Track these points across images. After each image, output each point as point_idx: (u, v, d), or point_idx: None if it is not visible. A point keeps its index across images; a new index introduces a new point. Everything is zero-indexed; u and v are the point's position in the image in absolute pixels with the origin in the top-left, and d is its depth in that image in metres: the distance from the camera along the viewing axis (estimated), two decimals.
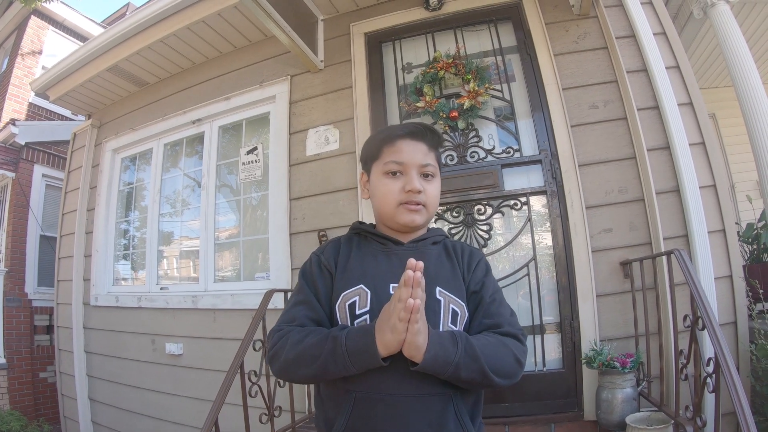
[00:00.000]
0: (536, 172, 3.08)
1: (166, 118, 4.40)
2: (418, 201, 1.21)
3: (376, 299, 1.14)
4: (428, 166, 1.23)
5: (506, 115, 3.24)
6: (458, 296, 1.18)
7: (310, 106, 3.59)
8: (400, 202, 1.21)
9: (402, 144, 1.23)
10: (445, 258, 1.26)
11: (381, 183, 1.24)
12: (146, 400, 4.09)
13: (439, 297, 1.15)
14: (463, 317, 1.17)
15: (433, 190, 1.25)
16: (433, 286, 1.15)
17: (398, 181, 1.22)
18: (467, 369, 1.03)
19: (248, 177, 3.74)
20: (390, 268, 1.20)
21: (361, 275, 1.19)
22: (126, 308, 4.34)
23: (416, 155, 1.23)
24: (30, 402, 6.23)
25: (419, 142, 1.24)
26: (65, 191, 5.28)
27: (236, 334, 3.34)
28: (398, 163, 1.22)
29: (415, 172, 1.22)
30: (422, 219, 1.23)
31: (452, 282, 1.20)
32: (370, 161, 1.30)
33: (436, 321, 1.12)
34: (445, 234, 1.35)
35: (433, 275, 1.17)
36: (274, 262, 3.42)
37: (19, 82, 7.74)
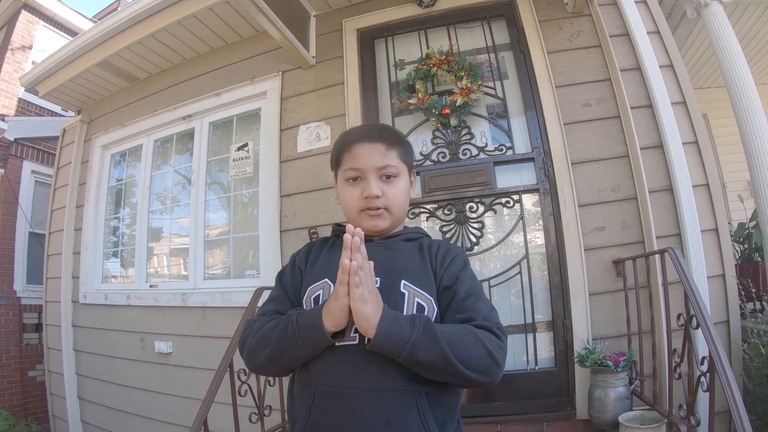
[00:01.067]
0: (529, 170, 3.06)
1: (156, 114, 4.35)
2: (377, 206, 1.20)
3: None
4: (387, 167, 1.21)
5: (499, 112, 3.22)
6: (426, 290, 1.14)
7: (301, 103, 3.55)
8: (361, 208, 1.21)
9: (358, 149, 1.22)
10: (416, 253, 1.23)
11: (343, 190, 1.25)
12: (135, 399, 4.05)
13: (403, 290, 1.12)
14: (431, 312, 1.12)
15: (395, 190, 1.23)
16: (397, 279, 1.14)
17: (357, 188, 1.21)
18: (425, 351, 0.98)
19: (239, 174, 3.71)
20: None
21: (327, 270, 1.20)
22: (115, 306, 4.30)
23: (372, 158, 1.21)
24: (19, 401, 6.17)
25: (376, 144, 1.22)
26: (54, 188, 5.22)
27: (226, 333, 3.31)
28: (355, 169, 1.21)
29: (373, 176, 1.20)
30: (385, 223, 1.23)
31: (420, 276, 1.16)
32: (334, 168, 1.31)
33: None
34: (423, 233, 1.32)
35: (399, 269, 1.16)
36: (265, 260, 3.38)
37: (8, 78, 7.65)
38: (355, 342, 1.06)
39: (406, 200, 1.27)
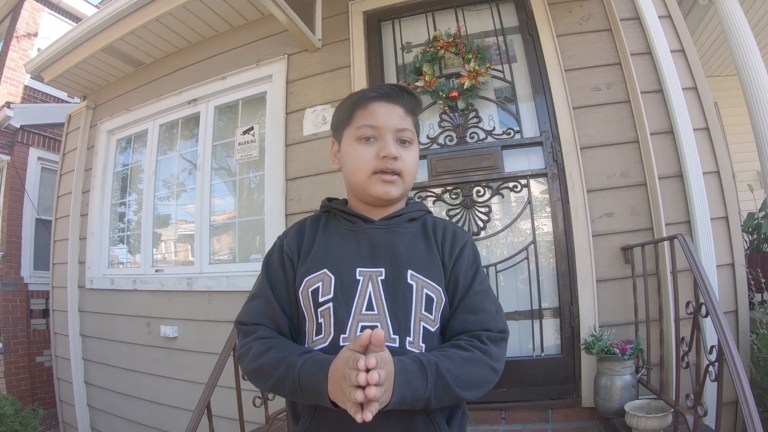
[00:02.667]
0: (537, 154, 3.02)
1: (161, 99, 4.34)
2: (394, 169, 1.08)
3: (340, 285, 1.05)
4: (405, 130, 1.11)
5: (507, 96, 3.18)
6: (434, 280, 1.06)
7: (307, 86, 3.53)
8: (374, 170, 1.08)
9: (376, 107, 1.11)
10: (421, 237, 1.13)
11: (353, 149, 1.11)
12: (141, 383, 4.08)
13: (411, 281, 1.05)
14: (440, 303, 1.06)
15: (411, 157, 1.12)
16: (404, 269, 1.06)
17: (372, 147, 1.09)
18: (438, 400, 0.93)
19: (244, 157, 3.69)
20: (357, 250, 1.10)
21: (325, 259, 1.09)
22: (121, 291, 4.32)
23: (392, 118, 1.10)
24: (26, 386, 6.25)
25: (395, 105, 1.12)
26: (60, 174, 5.24)
27: (231, 316, 3.26)
28: (372, 127, 1.09)
29: (390, 136, 1.09)
30: (398, 191, 1.11)
31: (428, 264, 1.08)
32: (341, 127, 1.17)
33: (407, 309, 1.03)
34: (425, 209, 1.21)
35: (406, 257, 1.08)
36: (270, 244, 3.33)
37: (14, 65, 7.69)
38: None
39: (416, 171, 1.16)
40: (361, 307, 1.03)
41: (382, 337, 0.83)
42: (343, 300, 1.04)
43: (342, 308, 1.03)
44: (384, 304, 1.03)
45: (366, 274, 1.06)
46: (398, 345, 1.01)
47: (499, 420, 2.70)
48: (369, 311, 1.03)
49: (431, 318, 1.04)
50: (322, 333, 1.04)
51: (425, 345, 1.03)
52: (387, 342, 0.98)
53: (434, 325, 1.05)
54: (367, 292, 1.04)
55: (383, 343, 0.85)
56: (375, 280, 1.05)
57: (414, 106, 1.16)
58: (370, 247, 1.10)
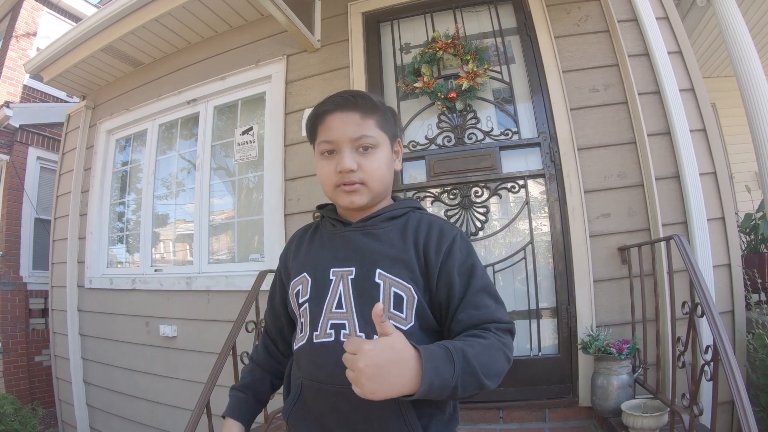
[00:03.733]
0: (535, 155, 3.04)
1: (161, 99, 4.35)
2: (353, 180, 1.09)
3: (315, 286, 1.10)
4: (363, 138, 1.09)
5: (505, 97, 3.19)
6: (404, 278, 1.05)
7: (306, 86, 3.53)
8: (336, 184, 1.10)
9: (331, 120, 1.11)
10: (398, 235, 1.12)
11: (319, 166, 1.14)
12: (140, 382, 4.08)
13: (378, 280, 1.05)
14: (411, 301, 1.04)
15: (373, 163, 1.10)
16: (373, 268, 1.06)
17: (332, 162, 1.10)
18: (464, 388, 0.89)
19: (243, 158, 3.70)
20: (332, 252, 1.14)
21: (306, 263, 1.16)
22: (120, 290, 4.33)
23: (347, 129, 1.09)
24: (25, 386, 6.24)
25: (350, 112, 1.11)
26: (59, 173, 5.24)
27: (230, 316, 3.28)
28: (329, 142, 1.10)
29: (347, 148, 1.09)
30: (363, 198, 1.11)
31: (399, 262, 1.07)
32: (311, 143, 1.20)
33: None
34: (413, 206, 1.20)
35: (376, 256, 1.08)
36: (269, 244, 3.39)
37: (13, 65, 7.69)
38: (330, 339, 1.04)
39: (387, 172, 1.15)
40: (331, 306, 1.06)
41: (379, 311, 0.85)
42: (317, 300, 1.08)
43: (315, 307, 1.08)
44: (352, 303, 1.05)
45: (338, 273, 1.08)
46: None
47: (497, 419, 2.71)
48: (338, 309, 1.05)
49: (402, 317, 1.04)
50: (302, 331, 1.11)
51: None
52: None
53: (406, 323, 1.04)
54: (337, 292, 1.07)
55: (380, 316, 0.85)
56: (345, 280, 1.07)
57: (370, 107, 1.13)
58: (345, 248, 1.12)
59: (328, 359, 1.02)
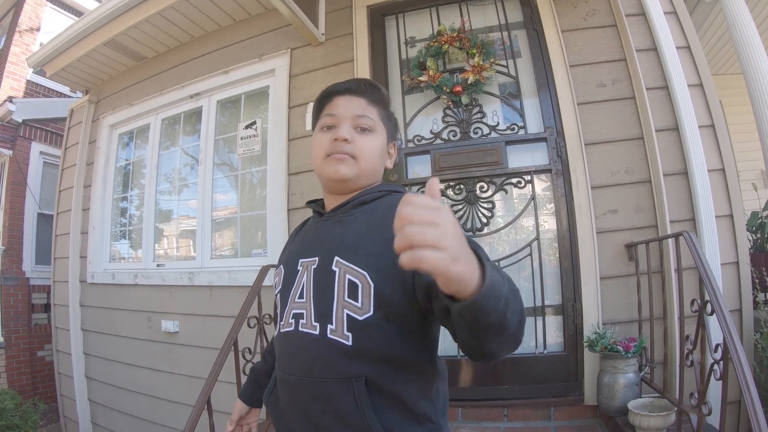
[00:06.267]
0: (541, 150, 3.01)
1: (164, 93, 4.33)
2: (344, 150, 1.09)
3: (285, 277, 1.14)
4: (363, 117, 1.13)
5: (511, 91, 3.16)
6: (360, 264, 1.00)
7: (310, 80, 3.50)
8: (328, 153, 1.11)
9: (338, 99, 1.15)
10: (363, 219, 1.08)
11: (315, 138, 1.17)
12: (142, 378, 4.08)
13: (334, 268, 1.02)
14: (368, 289, 0.98)
15: (367, 143, 1.12)
16: (332, 256, 1.04)
17: (329, 134, 1.12)
18: (514, 303, 0.74)
19: (246, 152, 3.67)
20: (303, 243, 1.17)
21: (284, 256, 1.23)
22: (122, 285, 4.32)
23: (350, 107, 1.13)
24: (28, 381, 6.25)
25: (358, 98, 1.15)
26: (62, 168, 5.23)
27: (232, 311, 3.27)
28: (331, 116, 1.13)
29: (347, 123, 1.12)
30: (348, 170, 1.09)
31: (358, 248, 1.03)
32: (314, 122, 1.22)
33: (329, 297, 1.01)
34: (391, 189, 1.16)
35: (335, 245, 1.06)
36: (272, 238, 3.37)
37: (16, 60, 7.68)
38: (291, 329, 1.05)
39: (378, 158, 1.15)
40: (295, 296, 1.09)
41: (435, 186, 0.70)
42: (285, 290, 1.12)
43: (283, 298, 1.12)
44: (311, 292, 1.05)
45: (304, 264, 1.10)
46: (318, 332, 1.00)
47: (501, 417, 2.69)
48: (300, 299, 1.07)
49: (357, 305, 0.98)
50: (277, 321, 1.17)
51: (352, 334, 0.97)
52: (308, 329, 1.02)
53: (362, 313, 0.97)
54: (301, 282, 1.09)
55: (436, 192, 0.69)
56: (309, 270, 1.08)
57: (378, 97, 1.18)
58: (313, 238, 1.15)
59: (289, 347, 1.06)
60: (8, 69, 7.63)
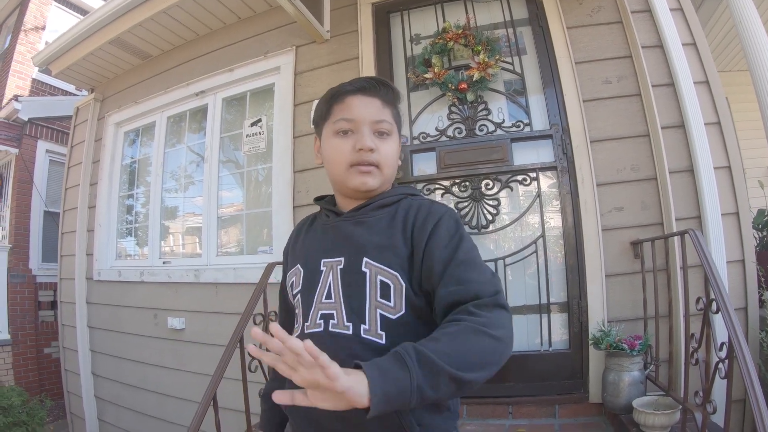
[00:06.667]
0: (546, 147, 3.00)
1: (169, 91, 4.34)
2: (370, 161, 1.09)
3: (306, 277, 1.11)
4: (382, 122, 1.11)
5: (517, 88, 3.15)
6: (391, 266, 1.02)
7: (315, 77, 3.51)
8: (351, 163, 1.09)
9: (352, 100, 1.11)
10: (386, 222, 1.09)
11: (331, 144, 1.12)
12: (148, 374, 4.11)
13: (365, 269, 1.03)
14: (399, 290, 1.01)
15: (388, 149, 1.12)
16: (360, 257, 1.04)
17: (349, 140, 1.09)
18: (436, 389, 0.79)
19: (252, 149, 3.69)
20: (323, 243, 1.13)
21: (300, 255, 1.17)
22: (128, 282, 4.34)
23: (368, 111, 1.10)
24: (35, 377, 6.30)
25: (372, 98, 1.12)
26: (68, 166, 5.27)
27: (238, 308, 3.26)
28: (348, 120, 1.09)
29: (367, 129, 1.09)
30: (375, 181, 1.10)
31: (386, 250, 1.04)
32: (320, 122, 1.18)
33: (361, 298, 1.01)
34: (407, 192, 1.17)
35: (363, 245, 1.06)
36: (278, 236, 3.38)
37: (22, 59, 7.73)
38: (319, 329, 1.03)
39: (396, 162, 1.16)
40: (321, 296, 1.06)
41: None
42: (308, 290, 1.09)
43: (307, 298, 1.08)
44: (340, 293, 1.04)
45: (328, 264, 1.08)
46: (352, 332, 1.00)
47: (506, 414, 2.69)
48: (327, 300, 1.04)
49: (390, 305, 1.01)
50: (298, 322, 1.11)
51: (385, 333, 0.99)
52: (340, 329, 1.01)
53: (395, 312, 1.01)
54: (327, 282, 1.06)
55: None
56: (335, 270, 1.06)
57: (392, 97, 1.16)
58: (334, 239, 1.12)
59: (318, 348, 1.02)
60: (14, 68, 7.67)
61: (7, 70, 7.75)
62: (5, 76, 7.74)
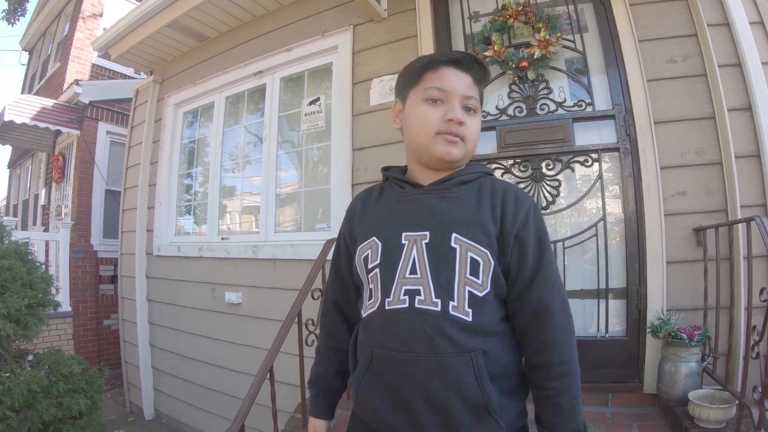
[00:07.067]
0: (609, 127, 2.91)
1: (227, 71, 4.41)
2: (458, 133, 1.10)
3: (386, 250, 1.09)
4: (471, 99, 1.12)
5: (578, 66, 3.06)
6: (481, 244, 1.04)
7: (373, 56, 3.49)
8: (439, 131, 1.10)
9: (446, 71, 1.12)
10: (472, 200, 1.11)
11: (419, 110, 1.13)
12: (205, 347, 4.24)
13: (454, 245, 1.04)
14: (488, 267, 1.03)
15: (474, 125, 1.14)
16: (448, 232, 1.05)
17: (439, 109, 1.10)
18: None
19: (310, 128, 3.73)
20: (402, 215, 1.12)
21: (374, 227, 1.14)
22: (187, 258, 4.48)
23: (460, 85, 1.11)
24: (94, 348, 6.57)
25: (465, 73, 1.13)
26: (129, 146, 5.45)
27: (295, 284, 3.33)
28: (441, 90, 1.11)
29: (457, 101, 1.10)
30: (459, 153, 1.11)
31: (475, 227, 1.06)
32: (407, 87, 1.18)
33: (450, 272, 1.03)
34: (484, 171, 1.18)
35: (450, 220, 1.07)
36: (336, 213, 3.41)
37: (81, 45, 8.02)
38: (404, 305, 1.03)
39: (478, 138, 1.18)
40: (405, 271, 1.05)
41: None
42: (389, 265, 1.07)
43: (387, 273, 1.07)
44: (427, 268, 1.04)
45: (411, 238, 1.07)
46: (440, 308, 1.01)
47: None
48: (412, 275, 1.04)
49: (478, 282, 1.03)
50: (372, 298, 1.10)
51: (472, 310, 1.02)
52: (428, 306, 1.01)
53: (482, 289, 1.03)
54: (411, 256, 1.06)
55: None
56: (419, 244, 1.06)
57: (482, 76, 1.17)
58: (416, 211, 1.11)
59: (402, 326, 1.02)
60: (73, 54, 7.96)
61: (66, 57, 8.06)
62: (65, 62, 8.07)
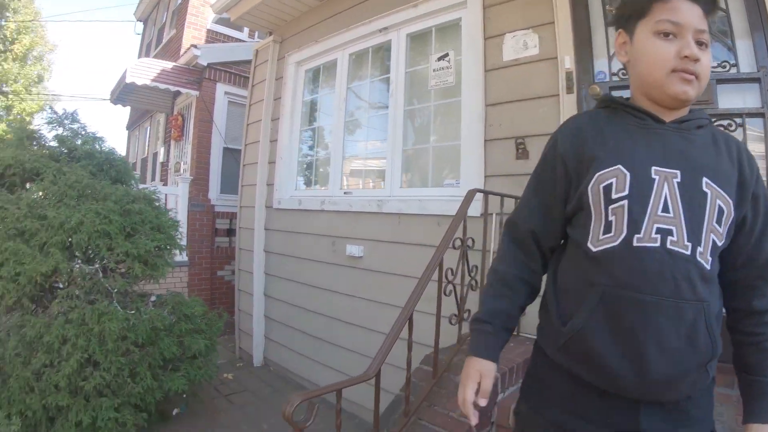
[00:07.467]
0: (753, 91, 2.63)
1: (350, 29, 4.40)
2: (694, 71, 1.02)
3: (636, 183, 1.01)
4: (704, 33, 1.04)
5: (721, 27, 2.77)
6: (726, 192, 1.01)
7: (504, 11, 3.32)
8: (674, 68, 1.03)
9: (678, 2, 1.04)
10: (712, 146, 1.07)
11: (650, 44, 1.06)
12: (321, 298, 4.35)
13: (706, 189, 1.00)
14: (728, 217, 1.01)
15: (707, 61, 1.05)
16: (699, 176, 1.01)
17: (672, 45, 1.03)
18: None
19: (439, 83, 3.67)
20: (649, 148, 1.05)
21: (617, 154, 1.06)
22: (308, 211, 4.61)
23: (693, 18, 1.03)
24: (207, 296, 7.02)
25: (696, 4, 1.04)
26: (249, 104, 5.67)
27: (422, 240, 3.40)
28: (674, 23, 1.03)
29: (691, 36, 1.03)
30: (694, 92, 1.04)
31: (720, 175, 1.03)
32: (634, 19, 1.11)
33: (701, 217, 0.99)
34: (709, 117, 1.13)
35: (700, 164, 1.03)
36: (466, 169, 3.35)
37: (195, 11, 8.45)
38: (656, 245, 0.98)
39: (709, 76, 1.09)
40: (656, 209, 1.00)
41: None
42: (639, 199, 1.01)
43: (637, 207, 1.01)
44: (680, 209, 0.99)
45: (662, 174, 1.02)
46: (690, 252, 0.98)
47: None
48: (664, 213, 0.99)
49: (720, 231, 1.01)
50: (612, 232, 1.03)
51: (711, 259, 1.00)
52: (679, 248, 0.97)
53: (721, 239, 1.02)
54: (663, 193, 1.00)
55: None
56: (671, 182, 1.01)
57: (712, 7, 1.08)
58: (662, 147, 1.05)
59: (651, 266, 0.97)
60: (189, 20, 8.40)
61: (182, 23, 8.52)
62: (181, 28, 8.54)
